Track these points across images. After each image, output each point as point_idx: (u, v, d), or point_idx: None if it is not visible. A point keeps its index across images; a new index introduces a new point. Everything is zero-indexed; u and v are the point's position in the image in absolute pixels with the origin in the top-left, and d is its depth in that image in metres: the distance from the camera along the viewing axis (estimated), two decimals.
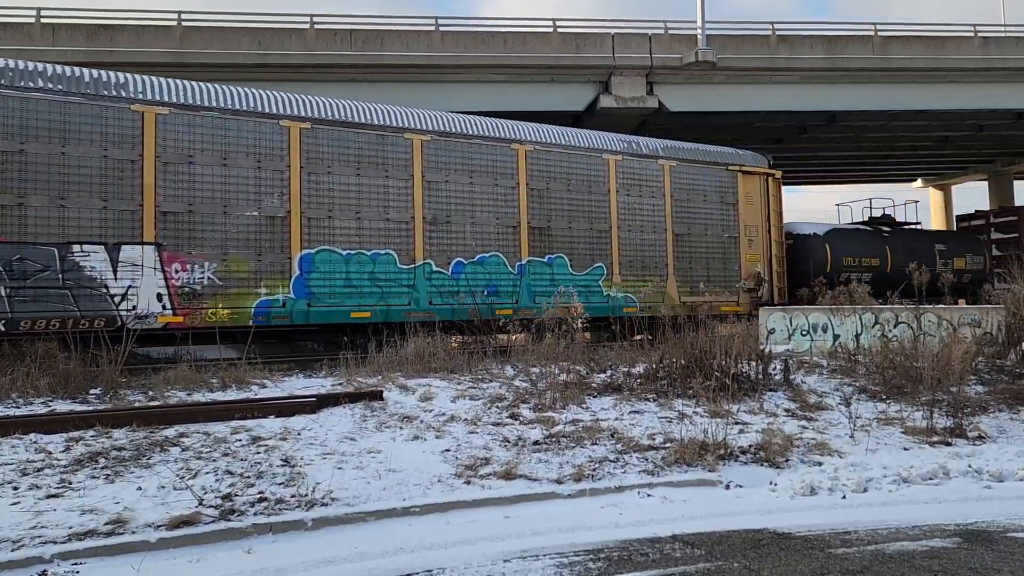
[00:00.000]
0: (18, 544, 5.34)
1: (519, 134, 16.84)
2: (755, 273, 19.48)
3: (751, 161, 20.37)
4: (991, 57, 26.66)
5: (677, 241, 18.63)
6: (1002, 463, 7.63)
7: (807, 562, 5.13)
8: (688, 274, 18.77)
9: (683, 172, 18.95)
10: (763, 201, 20.25)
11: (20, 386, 9.96)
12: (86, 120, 12.30)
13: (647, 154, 18.43)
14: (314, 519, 6.00)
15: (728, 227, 19.57)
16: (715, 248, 19.32)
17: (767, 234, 20.21)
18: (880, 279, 21.57)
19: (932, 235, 25.91)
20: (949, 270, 23.05)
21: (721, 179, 19.57)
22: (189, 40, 21.64)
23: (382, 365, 12.14)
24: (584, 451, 7.90)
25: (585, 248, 17.28)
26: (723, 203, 19.54)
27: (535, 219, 16.71)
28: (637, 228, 18.09)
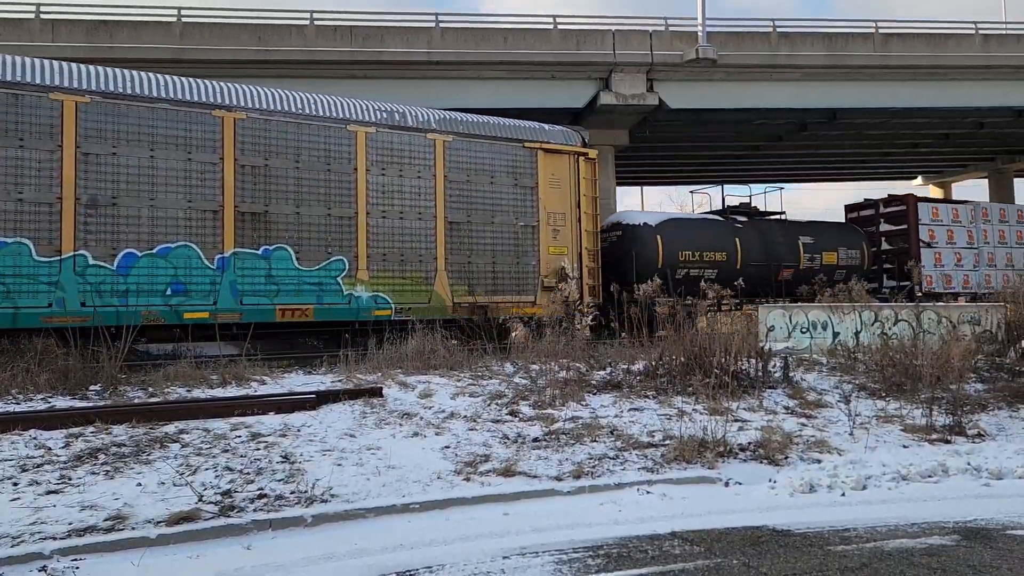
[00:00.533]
0: (18, 540, 5.34)
1: (226, 98, 13.95)
2: (559, 269, 16.72)
3: (559, 138, 17.67)
4: (992, 55, 26.63)
5: (452, 230, 15.78)
6: (1001, 461, 7.63)
7: (806, 559, 5.13)
8: (466, 270, 15.95)
9: (462, 148, 16.06)
10: (573, 185, 17.46)
11: (20, 382, 9.95)
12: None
13: (413, 126, 15.56)
14: (314, 516, 6.00)
15: (524, 214, 16.71)
16: (505, 239, 16.46)
17: (577, 223, 17.43)
18: (729, 275, 19.12)
19: (798, 226, 23.55)
20: (817, 265, 22.05)
21: (516, 158, 16.69)
22: (189, 36, 21.61)
23: (382, 362, 12.14)
24: (584, 448, 7.91)
25: (319, 238, 14.36)
26: (518, 186, 16.64)
27: (246, 202, 13.77)
28: (395, 214, 15.20)
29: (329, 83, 23.07)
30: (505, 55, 23.78)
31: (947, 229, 24.97)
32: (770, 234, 21.95)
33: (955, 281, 24.92)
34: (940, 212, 25.23)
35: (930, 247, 24.52)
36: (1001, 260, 25.98)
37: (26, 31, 20.71)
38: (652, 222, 19.93)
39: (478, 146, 16.35)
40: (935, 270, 24.44)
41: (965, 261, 25.18)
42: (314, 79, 22.89)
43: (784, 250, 21.82)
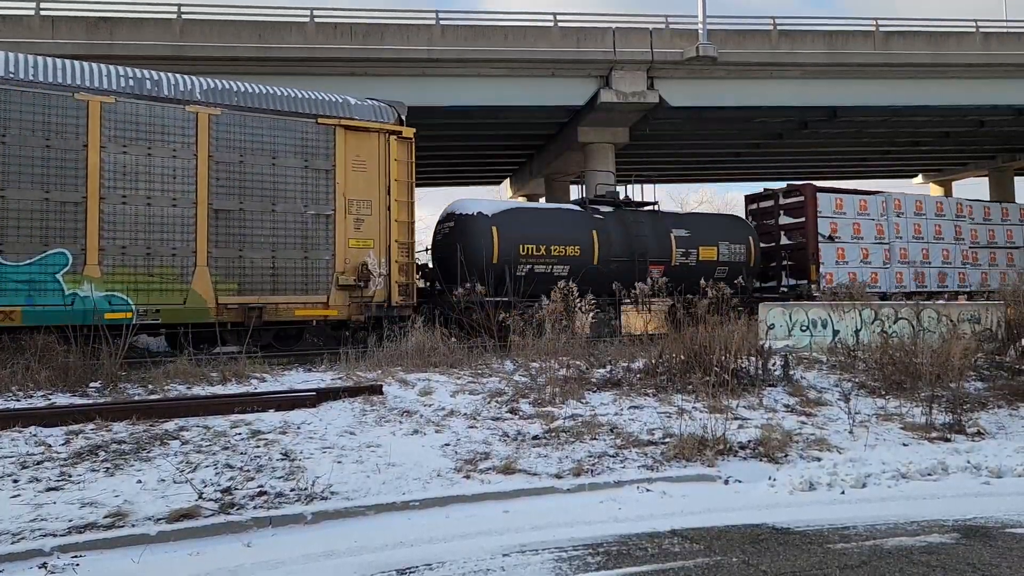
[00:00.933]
0: (18, 537, 5.35)
1: None
2: (360, 265, 14.58)
3: (367, 114, 15.29)
4: (992, 53, 26.60)
5: (218, 219, 13.43)
6: (1001, 459, 7.64)
7: (805, 557, 5.14)
8: (237, 266, 13.57)
9: (235, 124, 13.73)
10: (383, 168, 15.13)
11: (20, 379, 9.96)
12: None
13: (169, 97, 13.23)
14: (314, 513, 6.01)
15: (316, 201, 14.33)
16: (290, 230, 14.07)
17: (387, 212, 15.08)
18: (585, 272, 17.74)
19: (672, 218, 21.09)
20: (692, 261, 20.08)
21: (307, 135, 14.35)
22: (189, 33, 21.58)
23: (382, 360, 12.15)
24: (583, 446, 7.92)
25: (31, 227, 12.01)
26: (309, 169, 14.30)
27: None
28: (140, 200, 12.82)
29: (329, 80, 23.03)
30: (505, 53, 23.73)
31: (852, 222, 22.75)
32: (637, 226, 19.53)
33: (862, 279, 22.29)
34: (845, 204, 22.82)
35: (832, 242, 22.30)
36: (916, 256, 23.87)
37: (26, 28, 20.68)
38: (488, 211, 17.61)
39: (256, 121, 13.93)
40: (838, 267, 22.18)
41: (873, 257, 22.97)
42: (314, 76, 22.85)
43: (653, 244, 19.58)
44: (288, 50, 22.22)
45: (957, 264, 24.78)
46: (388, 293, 14.89)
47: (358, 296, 14.52)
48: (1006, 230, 26.41)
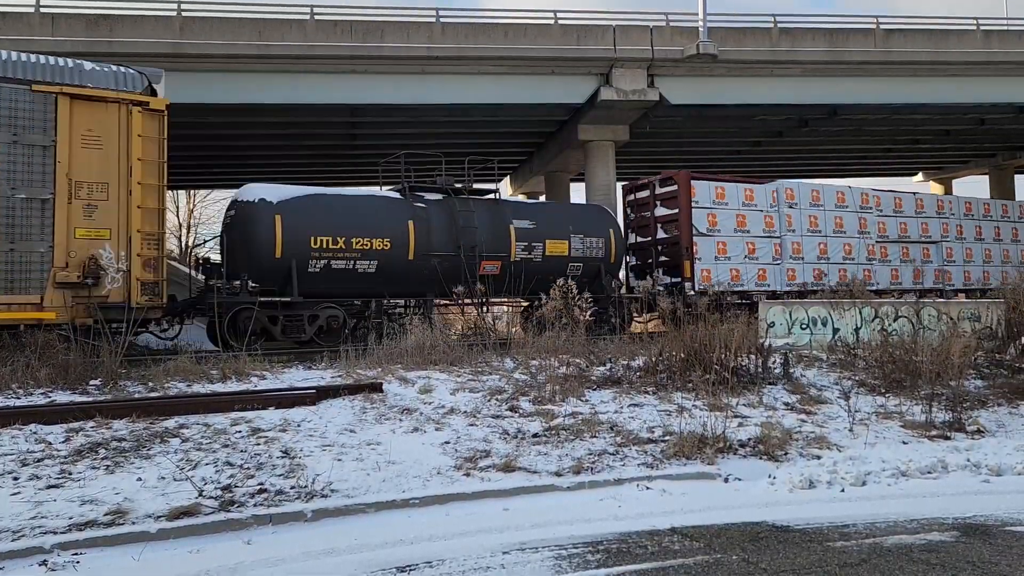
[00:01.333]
0: (18, 534, 5.35)
1: None
2: (87, 259, 12.24)
3: (103, 81, 12.82)
4: (993, 51, 26.57)
5: None
6: (1001, 457, 7.65)
7: (805, 555, 5.14)
8: None
9: None
10: (124, 146, 12.70)
11: (20, 377, 9.96)
12: None
13: None
14: (314, 510, 6.02)
15: (29, 183, 11.94)
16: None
17: (128, 198, 12.65)
18: (396, 269, 15.94)
19: (514, 207, 18.62)
20: (538, 256, 17.91)
21: (16, 105, 11.94)
22: (189, 31, 21.55)
23: (382, 357, 12.14)
24: (583, 444, 7.92)
25: None
26: (19, 144, 11.91)
27: None
28: None
29: (329, 78, 23.05)
30: (505, 50, 23.70)
31: (736, 214, 20.59)
32: (468, 216, 17.20)
33: (746, 276, 20.46)
34: (727, 193, 20.56)
35: (710, 235, 20.06)
36: (811, 252, 21.75)
37: (26, 25, 20.65)
38: (273, 198, 15.32)
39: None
40: (717, 263, 20.00)
41: (761, 252, 20.84)
42: (314, 74, 22.85)
43: (487, 237, 17.28)
44: (288, 47, 22.18)
45: (861, 260, 22.81)
46: (127, 292, 12.54)
47: (85, 296, 12.15)
48: (920, 223, 24.70)
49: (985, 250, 26.14)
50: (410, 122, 26.60)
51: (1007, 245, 26.93)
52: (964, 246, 25.77)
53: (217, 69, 22.22)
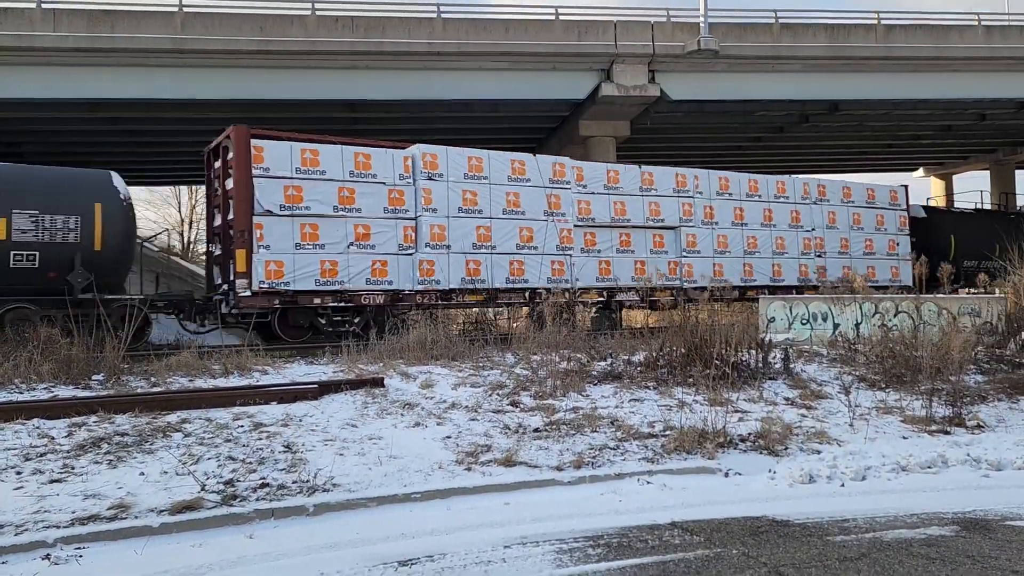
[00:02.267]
0: (21, 528, 5.38)
1: None
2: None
3: None
4: (994, 46, 26.54)
5: None
6: (1000, 452, 7.66)
7: (805, 549, 5.16)
8: None
9: None
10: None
11: (23, 371, 9.99)
12: None
13: None
14: (316, 505, 6.03)
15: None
16: None
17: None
18: None
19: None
20: None
21: None
22: (190, 26, 21.55)
23: (384, 352, 12.17)
24: (584, 438, 7.94)
25: None
26: None
27: None
28: None
29: (330, 73, 23.06)
30: (506, 46, 23.71)
31: (340, 187, 15.65)
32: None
33: (351, 271, 15.76)
34: (324, 158, 15.61)
35: (290, 216, 15.20)
36: (465, 239, 16.98)
37: (27, 21, 20.66)
38: None
39: None
40: (299, 253, 15.27)
41: (380, 238, 16.14)
42: (315, 69, 22.86)
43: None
44: (289, 43, 22.19)
45: (551, 250, 18.03)
46: None
47: None
48: (649, 202, 19.74)
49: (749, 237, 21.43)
50: (411, 117, 26.61)
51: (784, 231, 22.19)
52: (715, 232, 20.73)
53: (219, 65, 22.25)
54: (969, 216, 29.42)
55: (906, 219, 24.81)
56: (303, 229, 15.38)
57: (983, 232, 27.40)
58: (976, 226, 28.18)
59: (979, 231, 27.60)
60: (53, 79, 21.32)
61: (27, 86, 21.09)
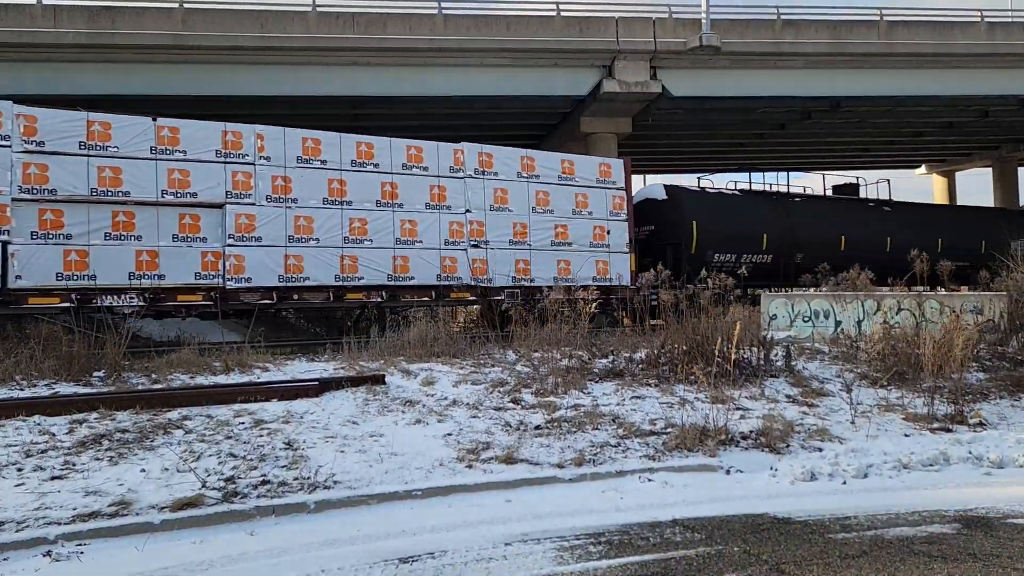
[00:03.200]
0: (22, 525, 5.38)
1: None
2: None
3: None
4: (997, 43, 26.48)
5: None
6: (1002, 450, 7.65)
7: (807, 547, 5.15)
8: None
9: None
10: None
11: (24, 368, 9.99)
12: None
13: None
14: (316, 502, 6.03)
15: None
16: None
17: None
18: None
19: None
20: None
21: None
22: (191, 22, 21.52)
23: (384, 350, 12.17)
24: (585, 436, 7.93)
25: None
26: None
27: None
28: None
29: (331, 70, 23.03)
30: (508, 42, 23.67)
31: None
32: None
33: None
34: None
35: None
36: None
37: (27, 17, 20.63)
38: None
39: None
40: None
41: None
42: (316, 66, 22.84)
43: None
44: (290, 39, 22.17)
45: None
46: None
47: None
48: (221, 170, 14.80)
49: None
50: (413, 114, 26.59)
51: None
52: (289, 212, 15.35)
53: (219, 61, 22.22)
54: (725, 198, 23.58)
55: (623, 200, 19.28)
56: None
57: (744, 217, 22.59)
58: (731, 210, 22.77)
59: (735, 217, 22.47)
60: (53, 76, 21.27)
61: (27, 83, 21.01)
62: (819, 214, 24.35)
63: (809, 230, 23.38)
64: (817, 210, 24.59)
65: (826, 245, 23.04)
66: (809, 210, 24.30)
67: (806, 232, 23.26)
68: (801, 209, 24.24)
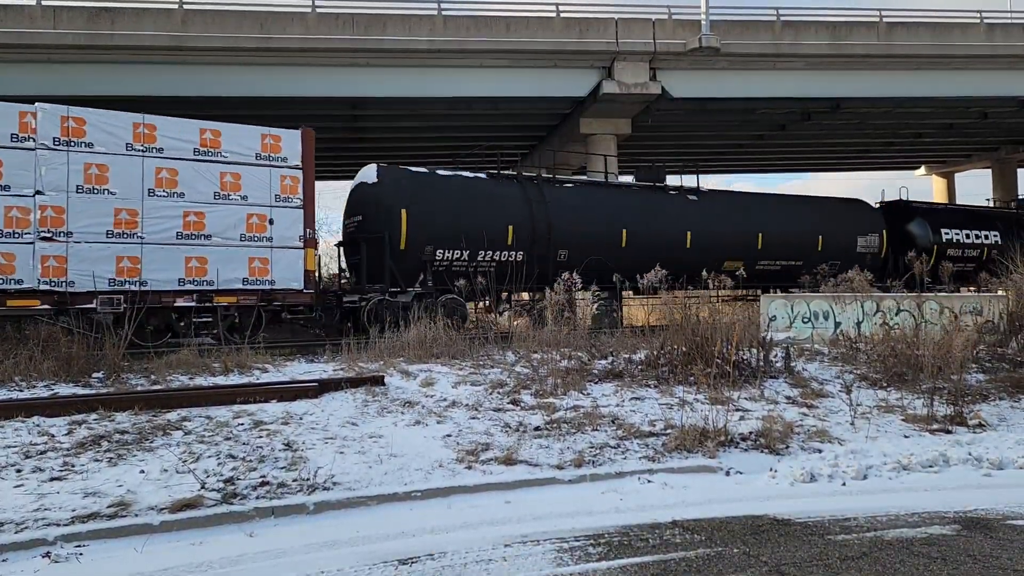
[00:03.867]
0: (22, 526, 5.37)
1: None
2: None
3: None
4: (996, 44, 26.50)
5: None
6: (1002, 451, 7.64)
7: (806, 548, 5.15)
8: None
9: None
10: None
11: (23, 369, 9.98)
12: None
13: None
14: (316, 503, 6.03)
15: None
16: None
17: None
18: None
19: None
20: None
21: None
22: (191, 23, 21.53)
23: (384, 351, 12.16)
24: (585, 437, 7.93)
25: None
26: None
27: None
28: None
29: (331, 71, 23.06)
30: (507, 43, 23.68)
31: None
32: None
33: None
34: None
35: None
36: None
37: (27, 17, 20.65)
38: None
39: None
40: None
41: None
42: (316, 67, 22.86)
43: None
44: (290, 41, 22.19)
45: None
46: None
47: None
48: None
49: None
50: (412, 115, 26.61)
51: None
52: None
53: (219, 62, 22.24)
54: (456, 182, 18.37)
55: (298, 182, 15.15)
56: None
57: (481, 206, 18.01)
58: (463, 197, 18.02)
59: (469, 205, 17.91)
60: (53, 76, 21.27)
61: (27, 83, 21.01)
62: (591, 204, 19.87)
63: (575, 222, 19.14)
64: (589, 199, 20.05)
65: (601, 241, 19.39)
66: (576, 198, 19.81)
67: (571, 225, 19.02)
68: (565, 197, 19.59)
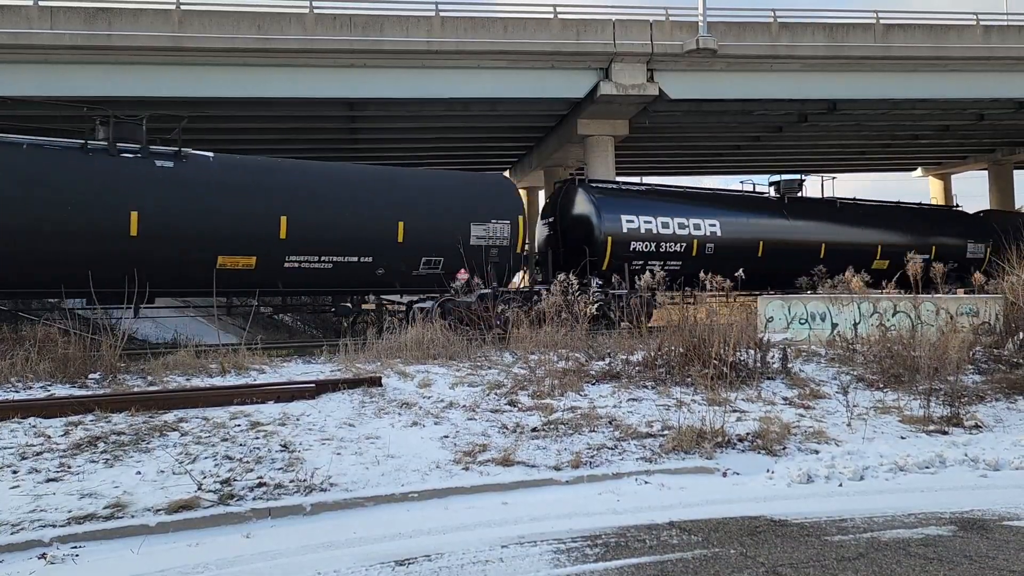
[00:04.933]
0: (17, 527, 5.36)
1: None
2: None
3: None
4: (993, 46, 26.53)
5: None
6: (998, 452, 7.66)
7: (803, 549, 5.15)
8: None
9: None
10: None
11: (19, 370, 9.96)
12: None
13: None
14: (313, 504, 6.02)
15: None
16: None
17: None
18: None
19: None
20: None
21: None
22: (188, 24, 21.48)
23: (381, 351, 12.15)
24: (582, 438, 7.93)
25: None
26: None
27: None
28: None
29: (328, 72, 23.01)
30: (505, 44, 23.66)
31: None
32: None
33: None
34: None
35: None
36: None
37: (24, 18, 20.58)
38: None
39: None
40: None
41: None
42: (313, 68, 22.81)
43: None
44: (287, 42, 22.14)
45: None
46: None
47: None
48: None
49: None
50: (410, 116, 26.58)
51: None
52: None
53: (216, 63, 22.19)
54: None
55: None
56: None
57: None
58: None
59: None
60: (50, 77, 21.22)
61: (24, 84, 20.97)
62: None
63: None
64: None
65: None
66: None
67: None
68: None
